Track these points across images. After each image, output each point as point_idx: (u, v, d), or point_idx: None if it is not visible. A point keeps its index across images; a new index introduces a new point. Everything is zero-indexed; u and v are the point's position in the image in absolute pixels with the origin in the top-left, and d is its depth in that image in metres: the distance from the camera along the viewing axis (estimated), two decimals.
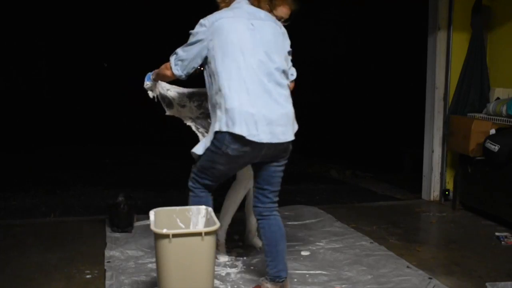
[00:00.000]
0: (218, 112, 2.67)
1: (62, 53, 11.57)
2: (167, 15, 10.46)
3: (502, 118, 4.48)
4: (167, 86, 3.29)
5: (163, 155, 8.10)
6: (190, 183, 2.93)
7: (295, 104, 3.64)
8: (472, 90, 4.89)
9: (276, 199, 2.93)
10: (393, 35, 9.55)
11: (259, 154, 2.71)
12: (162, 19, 10.67)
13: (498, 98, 4.75)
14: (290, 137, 2.74)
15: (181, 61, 2.82)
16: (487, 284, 2.76)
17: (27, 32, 11.02)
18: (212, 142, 2.71)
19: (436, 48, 5.07)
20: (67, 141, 9.38)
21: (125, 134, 9.77)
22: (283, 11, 3.20)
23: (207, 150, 2.76)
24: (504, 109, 4.44)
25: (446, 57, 5.05)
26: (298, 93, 3.22)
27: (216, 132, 2.67)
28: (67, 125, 10.62)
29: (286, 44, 2.82)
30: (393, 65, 9.67)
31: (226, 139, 2.64)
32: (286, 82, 2.75)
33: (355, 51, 10.58)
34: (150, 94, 3.24)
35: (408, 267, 3.40)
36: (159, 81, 3.20)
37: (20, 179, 6.29)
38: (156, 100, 3.29)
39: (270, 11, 2.95)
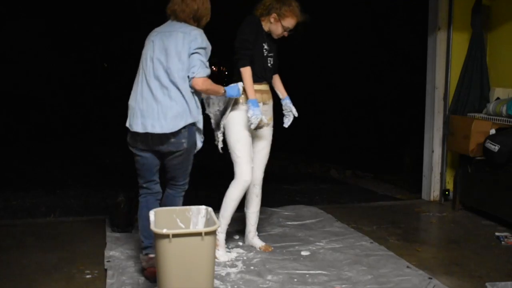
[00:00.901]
0: None
1: (62, 53, 11.58)
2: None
3: (502, 118, 4.48)
4: None
5: None
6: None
7: (295, 105, 3.68)
8: (472, 90, 4.89)
9: (180, 183, 3.23)
10: (393, 35, 9.56)
11: (141, 141, 3.09)
12: (162, 20, 10.66)
13: (498, 98, 4.75)
14: (158, 130, 3.00)
15: None
16: (487, 284, 2.76)
17: (27, 31, 11.01)
18: None
19: (436, 48, 5.06)
20: (67, 140, 9.38)
21: (124, 134, 9.77)
22: (290, 22, 3.48)
23: None
24: (504, 109, 4.44)
25: (446, 57, 5.05)
26: (298, 94, 3.23)
27: None
28: (67, 125, 10.63)
29: (193, 46, 3.05)
30: (393, 65, 9.67)
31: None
32: (173, 82, 3.01)
33: (354, 51, 10.58)
34: None
35: (408, 267, 3.40)
36: None
37: (20, 179, 6.29)
38: None
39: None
